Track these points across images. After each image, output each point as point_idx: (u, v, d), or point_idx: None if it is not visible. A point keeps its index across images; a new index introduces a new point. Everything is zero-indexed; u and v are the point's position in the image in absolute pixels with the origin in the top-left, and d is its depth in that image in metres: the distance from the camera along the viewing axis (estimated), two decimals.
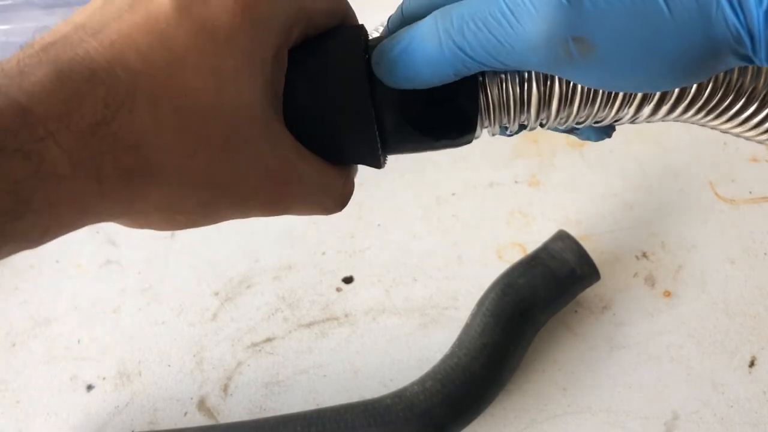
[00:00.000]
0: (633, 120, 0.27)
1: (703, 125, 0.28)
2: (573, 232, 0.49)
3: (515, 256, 0.51)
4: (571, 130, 0.30)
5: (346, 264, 0.55)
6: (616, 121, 0.28)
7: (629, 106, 0.26)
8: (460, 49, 0.23)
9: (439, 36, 0.23)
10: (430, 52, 0.24)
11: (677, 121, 0.28)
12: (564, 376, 0.48)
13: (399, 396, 0.44)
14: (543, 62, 0.23)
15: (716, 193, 0.55)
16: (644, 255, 0.53)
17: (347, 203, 0.29)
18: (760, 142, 0.29)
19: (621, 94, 0.26)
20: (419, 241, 0.55)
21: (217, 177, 0.23)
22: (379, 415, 0.43)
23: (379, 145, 0.26)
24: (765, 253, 0.52)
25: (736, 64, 0.22)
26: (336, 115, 0.25)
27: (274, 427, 0.43)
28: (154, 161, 0.21)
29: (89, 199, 0.20)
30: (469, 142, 0.28)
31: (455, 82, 0.25)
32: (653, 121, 0.28)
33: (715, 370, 0.47)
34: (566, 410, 0.46)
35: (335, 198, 0.28)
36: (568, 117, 0.27)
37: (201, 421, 0.48)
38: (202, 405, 0.49)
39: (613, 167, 0.58)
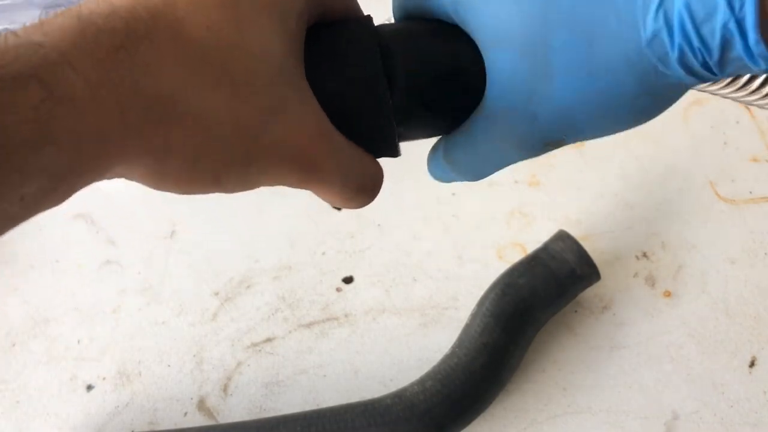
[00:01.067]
0: None
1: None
2: (573, 232, 0.49)
3: (515, 256, 0.51)
4: None
5: (346, 264, 0.55)
6: None
7: None
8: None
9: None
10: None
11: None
12: (564, 376, 0.48)
13: (399, 396, 0.44)
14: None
15: (716, 193, 0.55)
16: (644, 255, 0.53)
17: (379, 189, 0.28)
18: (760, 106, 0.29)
19: None
20: (419, 241, 0.55)
21: (238, 119, 0.22)
22: (379, 415, 0.43)
23: (395, 130, 0.26)
24: (765, 253, 0.52)
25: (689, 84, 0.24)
26: (353, 98, 0.25)
27: (274, 427, 0.43)
28: (174, 93, 0.21)
29: (110, 130, 0.19)
30: None
31: (465, 70, 0.25)
32: None
33: (715, 370, 0.47)
34: (566, 410, 0.46)
35: (370, 175, 0.28)
36: None
37: (201, 421, 0.48)
38: (202, 405, 0.49)
39: (613, 167, 0.58)
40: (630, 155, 0.58)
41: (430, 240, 0.55)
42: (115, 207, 0.60)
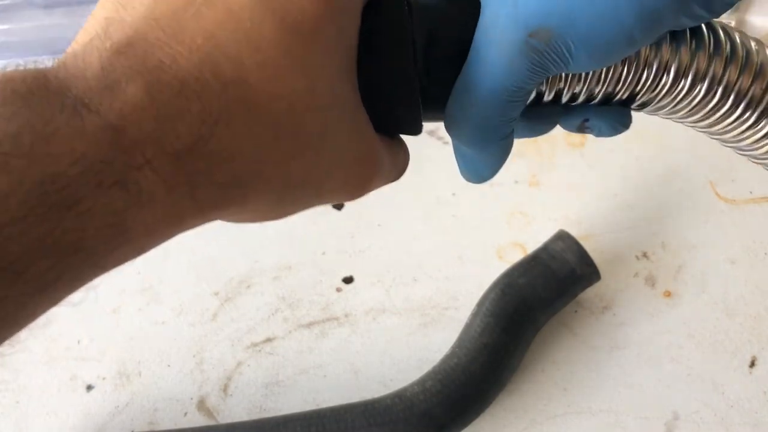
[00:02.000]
0: (645, 100, 0.27)
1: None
2: (573, 232, 0.49)
3: (515, 256, 0.51)
4: (583, 127, 0.30)
5: (346, 264, 0.55)
6: (630, 97, 0.27)
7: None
8: None
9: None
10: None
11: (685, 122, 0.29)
12: (564, 376, 0.48)
13: (399, 396, 0.44)
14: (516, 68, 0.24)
15: (716, 193, 0.55)
16: (644, 255, 0.53)
17: (405, 171, 0.29)
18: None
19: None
20: (419, 241, 0.55)
21: (313, 177, 0.22)
22: (379, 415, 0.43)
23: (420, 108, 0.26)
24: (765, 253, 0.52)
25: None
26: (383, 81, 0.25)
27: (274, 428, 0.43)
28: (251, 172, 0.20)
29: (184, 215, 0.19)
30: None
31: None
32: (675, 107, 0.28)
33: (715, 371, 0.47)
34: (566, 410, 0.46)
35: (400, 169, 0.28)
36: (581, 91, 0.27)
37: (201, 421, 0.48)
38: (201, 405, 0.49)
39: (613, 167, 0.58)
40: (630, 155, 0.58)
41: (430, 240, 0.55)
42: None
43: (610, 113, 0.29)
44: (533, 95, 0.27)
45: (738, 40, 0.26)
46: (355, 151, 0.24)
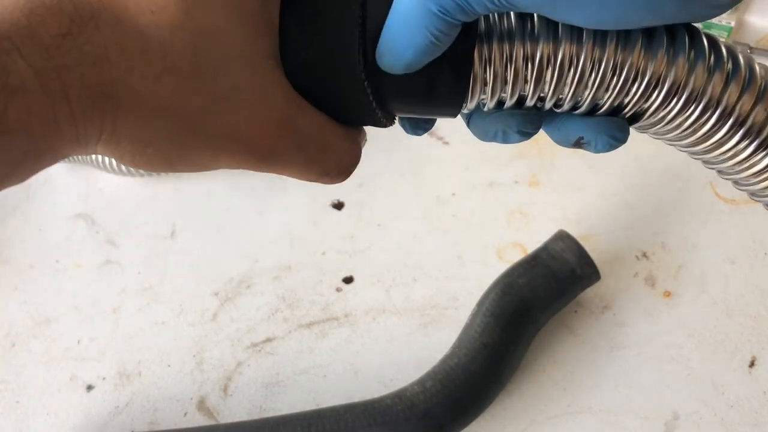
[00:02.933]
0: (637, 107, 0.26)
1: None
2: (573, 232, 0.49)
3: (515, 256, 0.51)
4: (578, 143, 0.29)
5: (346, 264, 0.55)
6: (618, 107, 0.26)
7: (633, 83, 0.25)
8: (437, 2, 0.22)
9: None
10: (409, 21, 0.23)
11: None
12: (564, 376, 0.48)
13: (399, 396, 0.44)
14: None
15: (716, 193, 0.55)
16: (644, 255, 0.53)
17: (351, 172, 0.27)
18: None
19: (626, 66, 0.24)
20: (419, 241, 0.55)
21: (186, 107, 0.22)
22: (379, 415, 0.43)
23: (374, 103, 0.25)
24: (765, 254, 0.52)
25: None
26: (330, 67, 0.24)
27: (274, 428, 0.43)
28: (119, 82, 0.21)
29: (61, 120, 0.20)
30: (462, 104, 0.26)
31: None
32: (656, 125, 0.27)
33: (715, 371, 0.47)
34: (566, 410, 0.46)
35: (336, 161, 0.26)
36: (566, 96, 0.25)
37: (201, 421, 0.48)
38: (201, 405, 0.49)
39: (613, 167, 0.58)
40: (630, 156, 0.58)
41: (430, 240, 0.55)
42: (115, 207, 0.60)
43: (605, 126, 0.27)
44: (516, 99, 0.26)
45: (740, 57, 0.25)
46: (250, 102, 0.23)
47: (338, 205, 0.58)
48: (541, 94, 0.25)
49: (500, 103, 0.26)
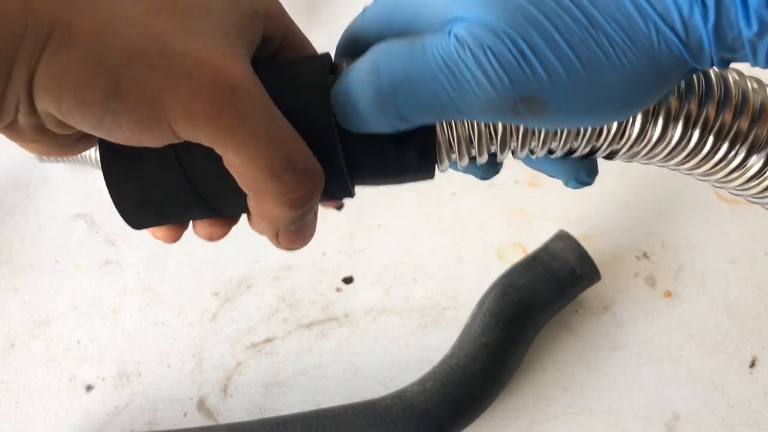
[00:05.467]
0: (610, 151, 0.27)
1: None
2: (573, 232, 0.49)
3: (515, 256, 0.51)
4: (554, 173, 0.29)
5: (346, 264, 0.55)
6: (592, 150, 0.27)
7: (597, 138, 0.26)
8: (396, 110, 0.22)
9: (373, 93, 0.23)
10: (366, 107, 0.23)
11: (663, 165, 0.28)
12: (564, 376, 0.48)
13: (399, 396, 0.44)
14: (491, 118, 0.23)
15: (717, 193, 0.55)
16: (645, 255, 0.53)
17: (314, 193, 0.24)
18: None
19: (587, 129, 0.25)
20: (419, 241, 0.55)
21: (153, 26, 0.21)
22: (379, 415, 0.43)
23: (348, 178, 0.26)
24: (765, 254, 0.52)
25: (681, 78, 0.22)
26: (304, 125, 0.24)
27: (274, 428, 0.43)
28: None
29: (23, 35, 0.20)
30: (432, 176, 0.27)
31: None
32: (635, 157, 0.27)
33: (715, 371, 0.47)
34: (567, 410, 0.46)
35: (300, 159, 0.23)
36: (537, 147, 0.26)
37: (200, 421, 0.48)
38: (201, 405, 0.49)
39: (613, 167, 0.58)
40: None
41: (430, 240, 0.55)
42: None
43: (575, 170, 0.28)
44: (486, 157, 0.26)
45: (711, 75, 0.25)
46: (212, 44, 0.22)
47: (338, 206, 0.58)
48: (512, 148, 0.26)
49: (473, 159, 0.27)
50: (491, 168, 0.29)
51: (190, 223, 0.28)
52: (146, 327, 0.53)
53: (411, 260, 0.54)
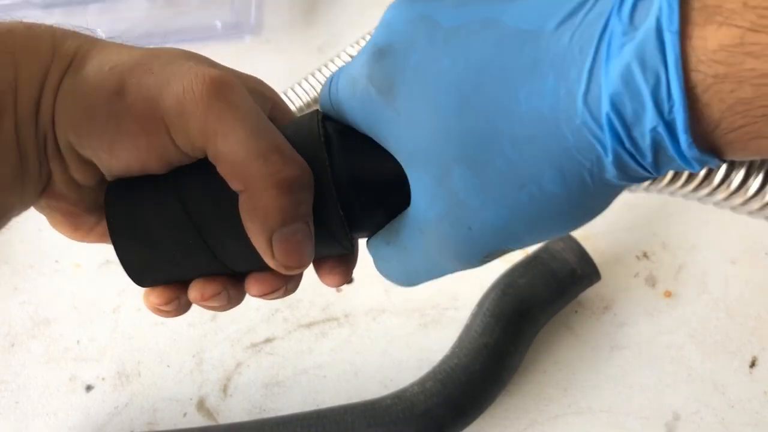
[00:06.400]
0: None
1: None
2: (573, 232, 0.48)
3: (515, 256, 0.51)
4: None
5: None
6: None
7: None
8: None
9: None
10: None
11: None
12: (564, 376, 0.48)
13: (399, 396, 0.43)
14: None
15: None
16: (645, 255, 0.53)
17: (282, 156, 0.25)
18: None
19: None
20: None
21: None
22: (379, 415, 0.43)
23: (347, 227, 0.27)
24: (765, 253, 0.52)
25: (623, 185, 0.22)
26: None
27: (274, 428, 0.43)
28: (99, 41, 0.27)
29: (42, 35, 0.26)
30: None
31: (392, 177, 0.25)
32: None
33: (715, 371, 0.47)
34: (567, 411, 0.46)
35: (268, 138, 0.24)
36: None
37: (200, 421, 0.48)
38: (201, 406, 0.49)
39: None
40: None
41: None
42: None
43: None
44: None
45: None
46: (194, 59, 0.26)
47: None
48: None
49: None
50: None
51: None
52: (146, 327, 0.53)
53: None
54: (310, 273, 0.56)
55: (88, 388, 0.50)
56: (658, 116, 0.18)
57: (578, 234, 0.49)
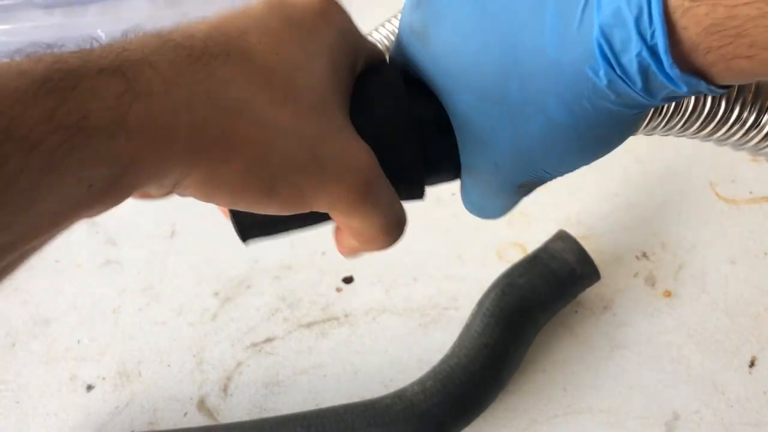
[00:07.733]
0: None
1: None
2: (573, 232, 0.49)
3: (515, 256, 0.51)
4: None
5: (346, 264, 0.55)
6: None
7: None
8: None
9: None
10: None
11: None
12: (564, 376, 0.48)
13: (399, 396, 0.44)
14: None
15: (716, 193, 0.55)
16: (644, 255, 0.53)
17: (402, 231, 0.28)
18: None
19: None
20: (419, 241, 0.55)
21: (304, 132, 0.23)
22: (379, 415, 0.43)
23: (423, 174, 0.29)
24: (765, 253, 0.52)
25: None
26: (391, 145, 0.27)
27: (274, 428, 0.43)
28: (242, 103, 0.22)
29: (178, 127, 0.21)
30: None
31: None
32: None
33: (715, 370, 0.47)
34: (566, 410, 0.46)
35: (402, 218, 0.27)
36: None
37: (201, 421, 0.48)
38: (201, 405, 0.49)
39: (613, 167, 0.58)
40: (631, 155, 0.58)
41: (430, 240, 0.55)
42: (115, 207, 0.60)
43: None
44: None
45: None
46: (353, 141, 0.25)
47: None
48: None
49: None
50: None
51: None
52: (146, 327, 0.53)
53: (411, 260, 0.54)
54: (310, 273, 0.57)
55: (89, 387, 0.50)
56: (642, 42, 0.20)
57: (578, 234, 0.49)
